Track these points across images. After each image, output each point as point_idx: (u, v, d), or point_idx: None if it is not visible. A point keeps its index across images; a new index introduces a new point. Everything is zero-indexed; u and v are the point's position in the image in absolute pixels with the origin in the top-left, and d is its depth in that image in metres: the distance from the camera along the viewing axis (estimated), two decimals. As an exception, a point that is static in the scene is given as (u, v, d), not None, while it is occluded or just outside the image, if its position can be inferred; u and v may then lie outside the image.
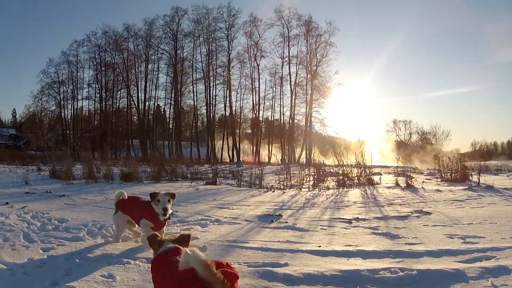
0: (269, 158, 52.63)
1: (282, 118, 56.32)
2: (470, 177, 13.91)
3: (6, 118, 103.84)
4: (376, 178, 14.53)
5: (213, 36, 55.90)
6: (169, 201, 5.36)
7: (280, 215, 7.74)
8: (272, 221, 7.19)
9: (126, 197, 6.02)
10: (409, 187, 12.02)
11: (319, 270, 4.16)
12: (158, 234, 3.54)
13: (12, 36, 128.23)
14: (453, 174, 14.41)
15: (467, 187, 11.54)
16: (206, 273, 2.52)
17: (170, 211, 5.37)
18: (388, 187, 12.49)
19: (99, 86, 59.38)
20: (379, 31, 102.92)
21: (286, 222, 7.05)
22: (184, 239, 3.37)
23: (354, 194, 11.10)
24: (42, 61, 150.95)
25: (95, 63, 59.06)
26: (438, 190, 11.07)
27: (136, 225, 5.80)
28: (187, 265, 2.64)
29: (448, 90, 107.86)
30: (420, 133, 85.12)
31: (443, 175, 15.06)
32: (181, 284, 2.75)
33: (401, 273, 4.00)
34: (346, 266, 4.27)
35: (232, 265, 2.79)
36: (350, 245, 5.25)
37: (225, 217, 7.73)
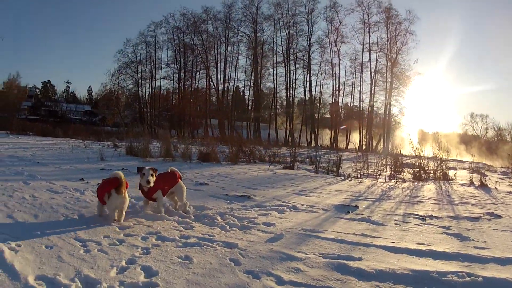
0: (347, 144, 52.32)
1: (361, 105, 55.92)
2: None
3: (82, 95, 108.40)
4: (451, 173, 14.19)
5: (293, 20, 56.30)
6: (152, 175, 6.22)
7: (357, 206, 7.86)
8: (348, 212, 7.33)
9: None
10: (483, 186, 11.71)
11: (391, 267, 4.26)
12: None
13: (88, 16, 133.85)
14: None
15: (538, 190, 11.05)
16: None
17: (151, 184, 6.20)
18: (462, 185, 12.20)
19: (178, 66, 61.12)
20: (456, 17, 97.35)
21: (362, 214, 7.18)
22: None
23: (429, 189, 10.99)
24: (118, 41, 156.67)
25: (173, 44, 60.87)
26: (510, 192, 10.76)
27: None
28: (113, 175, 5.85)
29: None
30: (496, 129, 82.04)
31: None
32: (104, 182, 5.90)
33: (467, 278, 4.03)
34: (417, 266, 4.35)
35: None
36: (422, 244, 5.32)
37: (302, 204, 7.90)
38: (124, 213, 5.85)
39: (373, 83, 53.97)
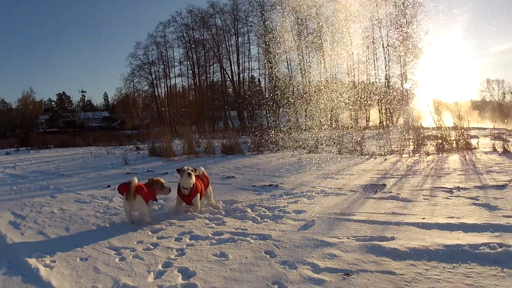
0: (367, 121, 52.09)
1: (377, 81, 55.62)
2: None
3: (98, 102, 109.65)
4: (473, 141, 14.08)
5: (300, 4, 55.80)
6: (192, 171, 6.32)
7: (384, 185, 7.90)
8: (376, 191, 7.36)
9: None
10: (506, 152, 11.71)
11: (424, 244, 4.24)
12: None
13: (94, 22, 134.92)
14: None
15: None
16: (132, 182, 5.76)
17: (193, 181, 6.26)
18: (486, 152, 12.16)
19: (191, 62, 61.58)
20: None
21: (390, 192, 7.21)
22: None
23: (454, 160, 10.97)
24: (129, 45, 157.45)
25: (184, 41, 61.34)
26: (534, 156, 10.58)
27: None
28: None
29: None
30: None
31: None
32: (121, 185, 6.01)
33: (499, 249, 3.98)
34: (449, 241, 4.33)
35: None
36: (452, 217, 5.31)
37: (330, 188, 7.95)
38: (147, 215, 5.99)
39: (386, 58, 53.50)
